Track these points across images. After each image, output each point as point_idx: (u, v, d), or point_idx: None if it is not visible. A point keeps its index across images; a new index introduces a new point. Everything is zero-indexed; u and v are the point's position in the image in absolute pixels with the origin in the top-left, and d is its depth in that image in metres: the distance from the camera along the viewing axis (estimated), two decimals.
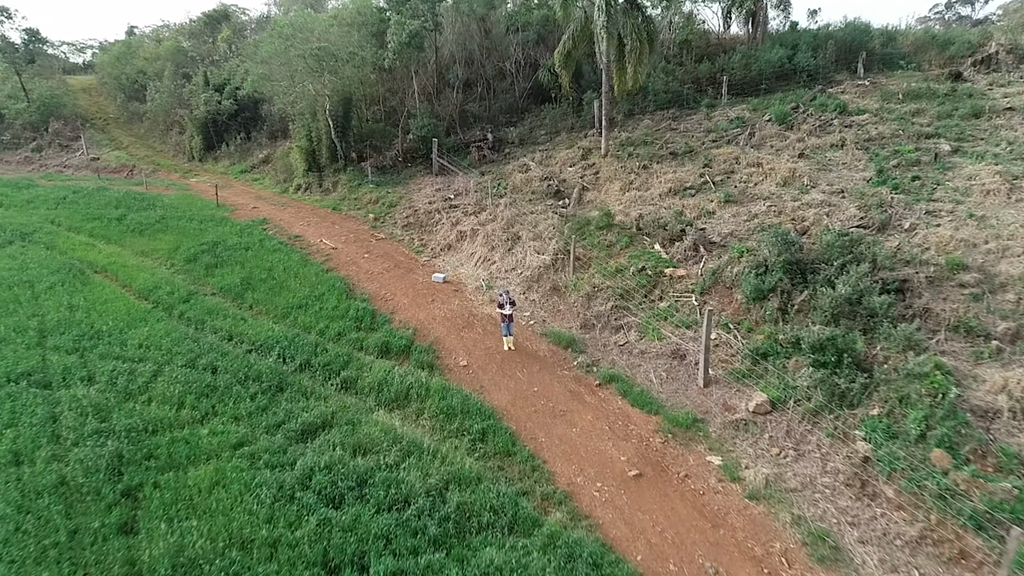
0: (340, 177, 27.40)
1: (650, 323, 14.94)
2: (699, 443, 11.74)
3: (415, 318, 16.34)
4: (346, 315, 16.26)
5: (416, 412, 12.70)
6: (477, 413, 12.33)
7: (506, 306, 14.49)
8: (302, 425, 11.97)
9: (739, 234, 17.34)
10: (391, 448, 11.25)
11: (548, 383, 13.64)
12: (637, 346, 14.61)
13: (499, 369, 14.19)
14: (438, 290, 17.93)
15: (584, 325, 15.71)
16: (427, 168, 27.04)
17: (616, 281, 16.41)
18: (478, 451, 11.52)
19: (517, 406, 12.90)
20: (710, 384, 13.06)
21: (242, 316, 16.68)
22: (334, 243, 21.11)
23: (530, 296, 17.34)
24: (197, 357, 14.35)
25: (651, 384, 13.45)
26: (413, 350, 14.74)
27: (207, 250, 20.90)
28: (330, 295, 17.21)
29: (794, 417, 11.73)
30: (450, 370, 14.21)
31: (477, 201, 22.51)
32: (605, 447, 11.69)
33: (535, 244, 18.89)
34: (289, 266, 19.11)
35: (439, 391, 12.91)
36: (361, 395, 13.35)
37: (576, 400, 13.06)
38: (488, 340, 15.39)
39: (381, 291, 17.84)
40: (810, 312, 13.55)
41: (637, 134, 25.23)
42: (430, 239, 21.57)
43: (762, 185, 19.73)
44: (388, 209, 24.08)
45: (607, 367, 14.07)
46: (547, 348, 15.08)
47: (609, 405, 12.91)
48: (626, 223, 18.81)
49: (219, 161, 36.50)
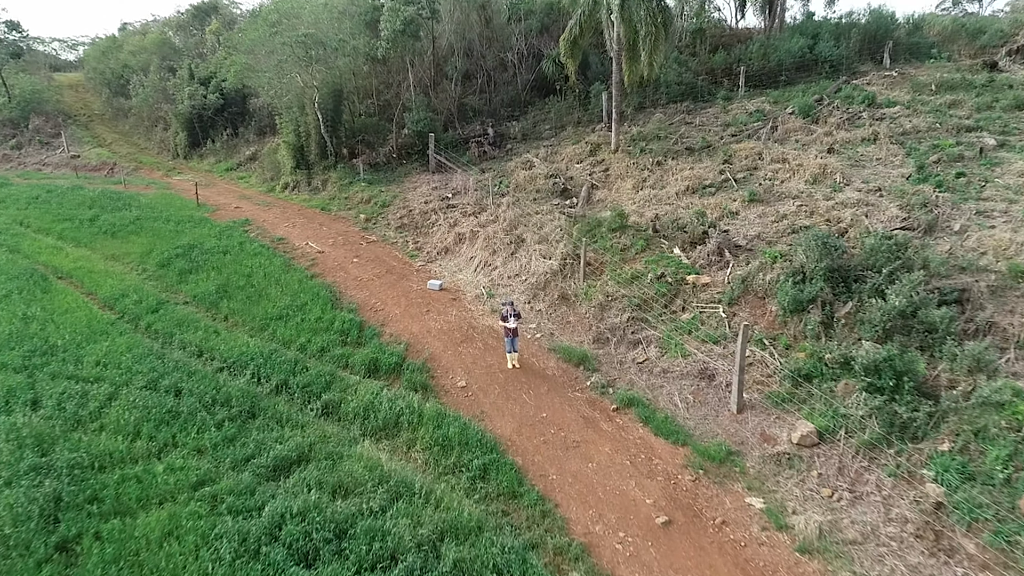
0: (330, 175, 25.81)
1: (672, 337, 13.37)
2: (736, 481, 10.17)
3: (408, 331, 14.77)
4: (331, 327, 14.69)
5: (407, 443, 11.13)
6: (477, 445, 10.77)
7: (510, 319, 12.93)
8: (274, 460, 10.41)
9: (767, 237, 15.81)
10: (376, 489, 9.69)
11: (558, 408, 12.08)
12: (658, 364, 13.04)
13: (502, 391, 12.63)
14: (434, 299, 16.36)
15: (597, 339, 14.14)
16: (423, 165, 25.47)
17: (632, 289, 14.85)
18: (479, 491, 9.96)
19: (523, 436, 11.34)
20: (744, 409, 11.49)
21: (215, 329, 15.10)
22: (321, 246, 19.55)
23: (536, 306, 15.77)
24: (160, 377, 12.78)
25: (676, 409, 11.88)
26: (405, 368, 13.17)
27: (182, 254, 19.32)
28: (314, 305, 15.63)
29: (847, 451, 10.17)
30: (447, 392, 12.64)
31: (477, 200, 20.94)
32: (627, 486, 10.12)
33: (541, 248, 17.32)
34: (270, 272, 17.54)
35: (434, 418, 11.34)
36: (344, 422, 11.78)
37: (591, 428, 11.50)
38: (489, 356, 13.83)
39: (371, 300, 16.26)
40: (856, 327, 12.00)
41: (649, 128, 23.67)
42: (426, 242, 20.00)
43: (789, 183, 18.18)
44: (381, 209, 22.50)
45: (625, 388, 12.51)
46: (556, 366, 13.51)
47: (629, 434, 11.34)
48: (641, 224, 17.25)
49: (204, 159, 34.88)
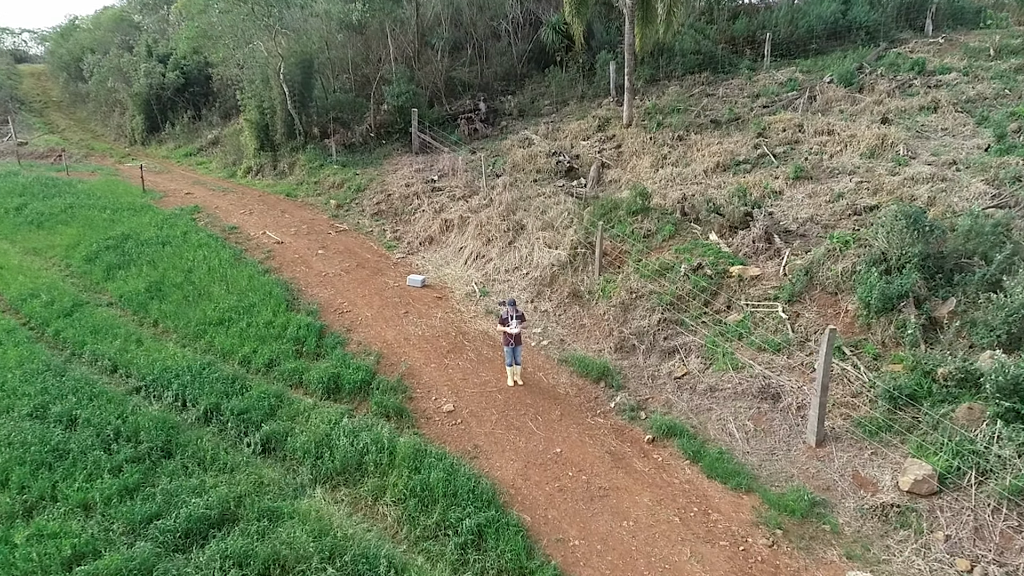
0: (298, 157, 22.99)
1: (718, 344, 10.66)
2: (828, 545, 7.46)
3: (380, 338, 11.97)
4: (283, 334, 11.88)
5: (373, 493, 8.33)
6: (470, 496, 8.00)
7: (511, 322, 10.18)
8: (187, 521, 7.62)
9: (822, 219, 13.16)
10: (325, 567, 6.90)
11: (576, 440, 9.32)
12: (702, 379, 10.32)
13: (502, 417, 9.86)
14: (415, 298, 13.57)
15: (620, 347, 11.41)
16: (405, 146, 22.69)
17: (662, 284, 12.13)
18: (471, 566, 7.20)
19: (532, 481, 8.57)
20: (826, 442, 8.79)
21: (138, 337, 12.26)
22: (280, 236, 16.73)
23: (541, 306, 13.02)
24: (50, 402, 9.93)
25: (732, 440, 9.16)
26: (375, 388, 10.37)
27: (114, 246, 16.44)
28: (264, 306, 12.81)
29: (984, 503, 7.47)
30: (428, 420, 9.86)
31: (467, 183, 18.18)
32: (680, 557, 7.37)
33: (545, 235, 14.57)
34: (215, 266, 14.70)
35: (410, 458, 8.55)
36: (290, 463, 8.98)
37: (621, 468, 8.75)
38: (484, 370, 11.06)
39: (336, 299, 13.44)
40: (968, 330, 9.33)
41: (665, 100, 21.01)
42: (406, 231, 17.22)
43: (841, 156, 15.54)
44: (355, 194, 19.70)
45: (661, 412, 9.79)
46: (569, 381, 10.77)
47: (673, 476, 8.60)
48: (666, 207, 14.54)
49: (164, 144, 31.93)
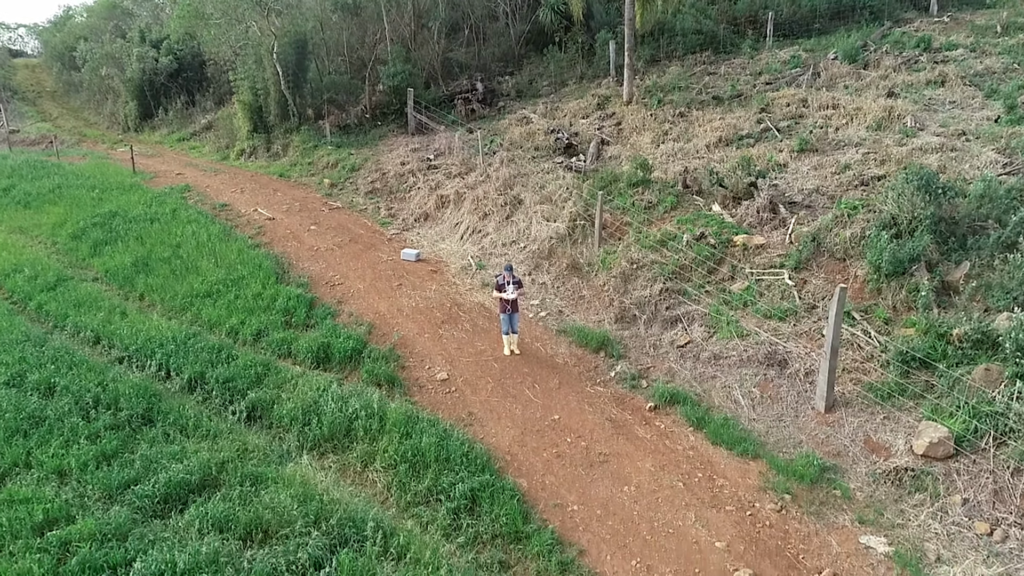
0: (292, 138, 22.61)
1: (722, 313, 10.31)
2: (839, 510, 7.13)
3: (372, 310, 11.62)
4: (271, 306, 11.53)
5: (362, 459, 7.99)
6: (463, 461, 7.66)
7: (508, 288, 9.83)
8: (166, 486, 7.28)
9: (828, 190, 12.84)
10: (310, 530, 6.56)
11: (575, 407, 8.98)
12: (706, 347, 9.97)
13: (497, 386, 9.51)
14: (408, 271, 13.23)
15: (621, 317, 11.06)
16: (401, 126, 22.33)
17: (664, 254, 11.79)
18: (464, 531, 6.87)
19: (528, 448, 8.23)
20: (836, 407, 8.45)
21: (122, 309, 11.91)
22: (271, 213, 16.37)
23: (539, 278, 12.68)
24: (27, 371, 9.58)
25: (738, 407, 8.82)
26: (366, 356, 10.03)
27: (101, 223, 16.08)
28: (252, 279, 12.46)
29: (1004, 465, 7.14)
30: (421, 388, 9.51)
31: (464, 160, 17.82)
32: (684, 522, 7.04)
33: (543, 208, 14.22)
34: (204, 242, 14.35)
35: (401, 424, 8.21)
36: (276, 430, 8.64)
37: (622, 435, 8.41)
38: (479, 340, 10.71)
39: (327, 273, 13.09)
40: (983, 293, 9.00)
41: (666, 79, 20.66)
42: (401, 208, 16.86)
43: (847, 129, 15.20)
44: (349, 174, 19.34)
45: (663, 380, 9.44)
46: (568, 352, 10.43)
47: (676, 443, 8.26)
48: (667, 180, 14.19)
49: (157, 130, 31.52)
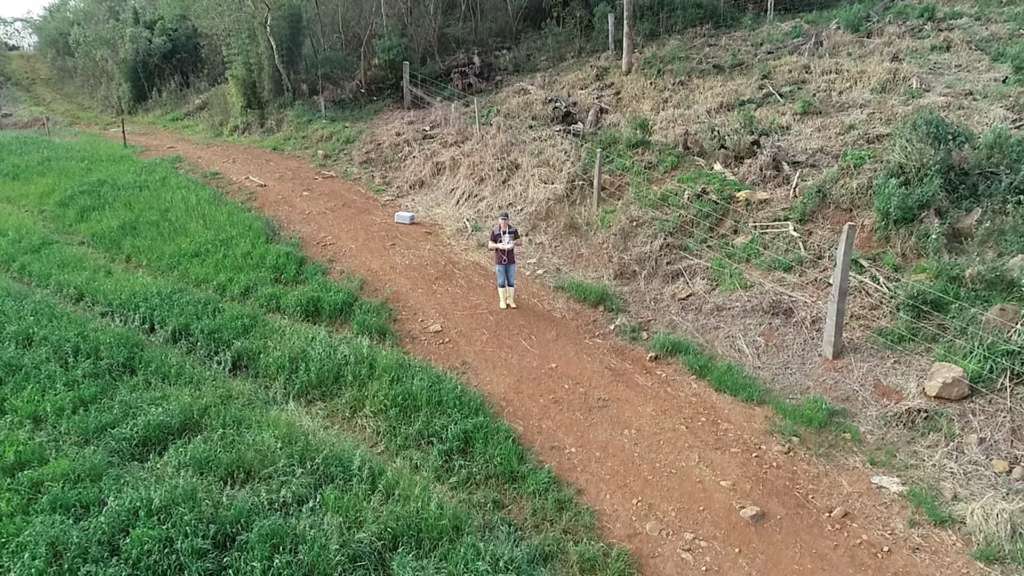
0: (286, 114, 22.24)
1: (725, 266, 10.00)
2: (849, 452, 6.83)
3: (365, 267, 11.30)
4: (261, 264, 11.21)
5: (351, 405, 7.68)
6: (456, 404, 7.35)
7: (504, 237, 9.50)
8: (145, 430, 6.96)
9: (832, 150, 12.51)
10: (294, 469, 6.25)
11: (573, 357, 8.67)
12: (709, 299, 9.66)
13: (493, 337, 9.20)
14: (403, 233, 12.90)
15: (621, 273, 10.75)
16: (396, 101, 21.97)
17: (664, 212, 11.47)
18: (456, 473, 6.56)
19: (524, 394, 7.92)
20: (844, 353, 8.14)
21: (107, 269, 11.58)
22: (263, 180, 16.03)
23: (537, 238, 12.36)
24: (6, 322, 9.24)
25: (742, 356, 8.51)
26: (356, 310, 9.70)
27: (89, 191, 15.74)
28: (242, 239, 12.13)
29: (1021, 402, 6.83)
30: (415, 339, 9.20)
31: (460, 130, 17.48)
32: (687, 462, 6.73)
33: (541, 171, 13.89)
34: (193, 206, 14.00)
35: (391, 369, 7.90)
36: (263, 379, 8.33)
37: (622, 383, 8.10)
38: (475, 295, 10.39)
39: (319, 234, 12.77)
40: (994, 239, 8.69)
41: (666, 51, 20.32)
42: (395, 176, 16.52)
43: (851, 92, 14.86)
44: (343, 145, 18.99)
45: (664, 332, 9.13)
46: (566, 307, 10.11)
47: (679, 390, 7.96)
48: (667, 143, 13.86)
49: (150, 112, 31.12)
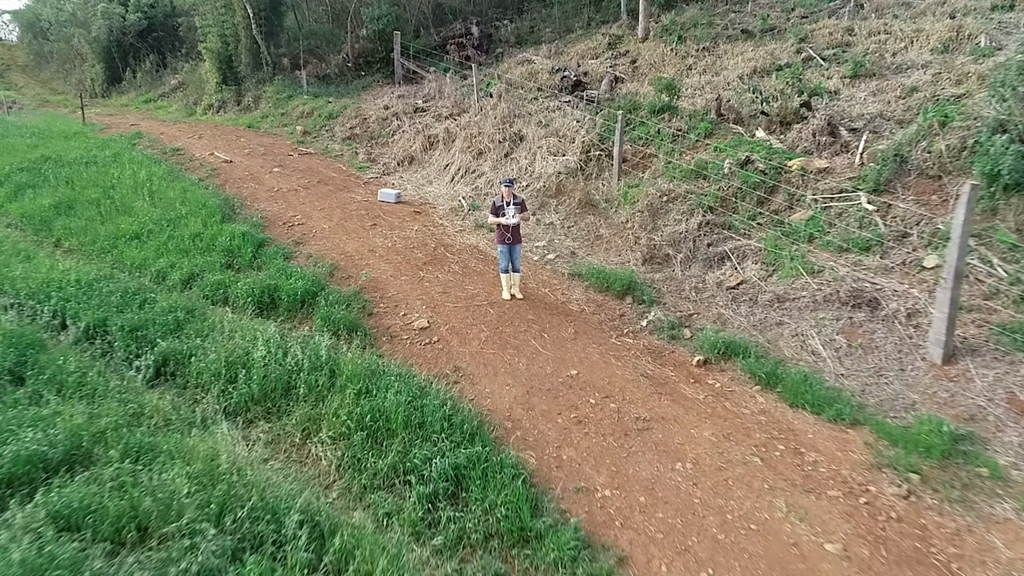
0: (265, 90, 20.34)
1: (783, 247, 8.08)
2: (992, 496, 4.94)
3: (337, 250, 9.38)
4: (212, 246, 9.29)
5: (303, 427, 5.74)
6: (444, 427, 5.42)
7: (508, 210, 7.59)
8: (13, 464, 5.02)
9: (895, 115, 10.61)
10: (205, 527, 4.31)
11: (598, 361, 6.75)
12: (765, 288, 7.74)
13: (494, 335, 7.27)
14: (387, 212, 10.98)
15: (650, 257, 8.83)
16: (387, 76, 20.07)
17: (701, 185, 9.55)
18: (444, 530, 4.64)
19: (536, 411, 5.99)
20: (956, 357, 6.22)
21: (27, 253, 9.65)
22: (229, 156, 14.12)
23: (546, 218, 10.44)
24: None
25: (817, 360, 6.59)
26: (322, 301, 7.77)
27: (29, 168, 13.82)
28: (193, 218, 10.22)
29: None
30: (393, 338, 7.27)
31: (456, 102, 15.57)
32: (771, 513, 4.81)
33: (549, 143, 11.98)
34: (142, 182, 12.09)
35: (359, 378, 5.95)
36: (192, 390, 6.39)
37: (666, 395, 6.18)
38: (470, 283, 8.47)
39: (286, 213, 10.84)
40: None
41: (686, 17, 18.41)
42: (382, 152, 14.61)
43: (907, 53, 12.95)
44: (326, 121, 17.09)
45: (712, 328, 7.21)
46: (584, 297, 8.20)
47: (740, 405, 6.04)
48: (696, 110, 11.94)
49: (125, 94, 29.20)
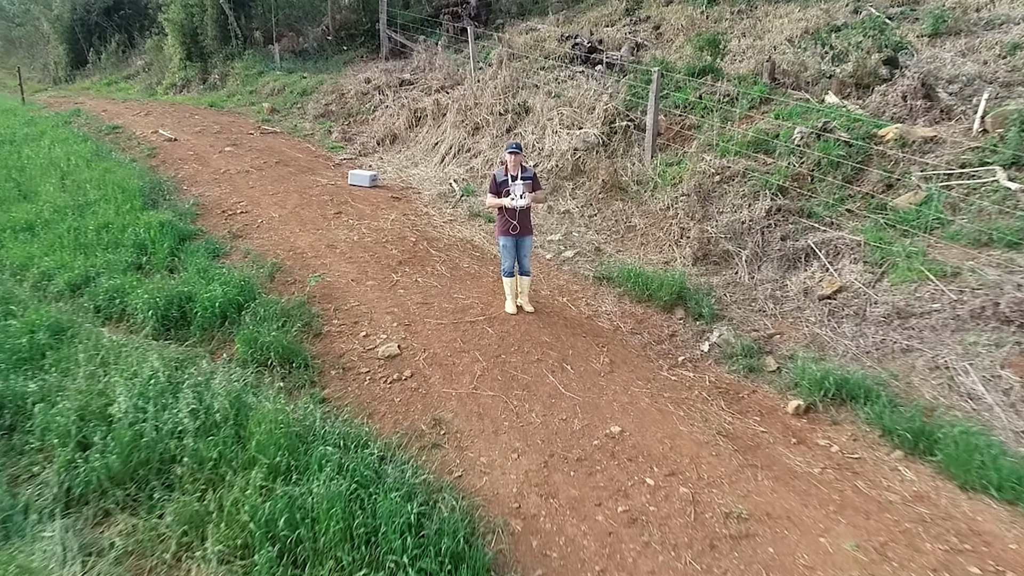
0: (233, 66, 18.10)
1: (891, 241, 5.89)
2: None
3: (286, 245, 7.16)
4: (120, 241, 7.08)
5: (182, 530, 3.49)
6: (411, 538, 3.18)
7: (515, 188, 5.40)
8: None
9: (997, 77, 8.53)
10: None
11: (649, 408, 4.55)
12: (876, 297, 5.56)
13: (494, 366, 5.06)
14: (357, 198, 8.75)
15: (704, 255, 6.64)
16: (372, 51, 17.86)
17: (762, 161, 7.36)
18: None
19: (561, 497, 3.78)
20: None
21: None
22: (176, 135, 11.88)
23: (560, 204, 8.24)
24: None
25: (980, 406, 4.38)
26: (248, 318, 5.53)
27: None
28: (107, 204, 8.00)
29: None
30: (348, 371, 5.06)
31: (449, 74, 13.38)
32: None
33: (563, 114, 9.76)
34: (55, 161, 9.85)
35: (275, 447, 3.72)
36: (33, 457, 4.14)
37: (761, 466, 3.98)
38: (461, 290, 6.25)
39: (229, 199, 8.61)
40: None
41: None
42: (360, 131, 12.40)
43: (995, 7, 10.80)
44: (298, 98, 14.87)
45: (806, 356, 5.02)
46: (618, 310, 6.01)
47: (880, 484, 3.84)
48: (744, 74, 9.75)
49: (89, 77, 26.92)
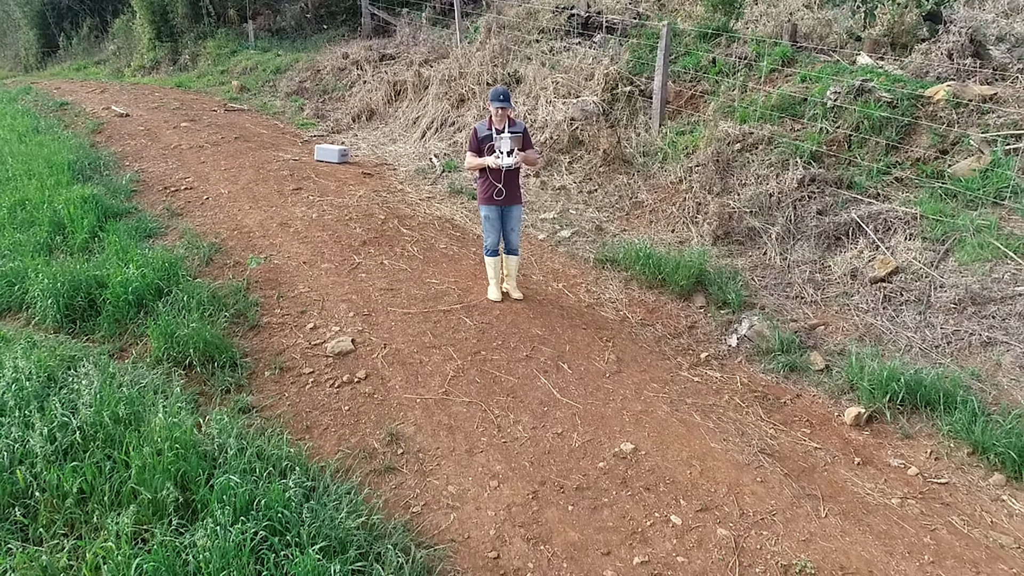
0: (205, 45, 17.11)
1: (954, 214, 4.93)
2: None
3: (232, 224, 6.17)
4: (35, 219, 6.07)
5: None
6: None
7: (501, 141, 4.43)
8: None
9: None
10: None
11: (668, 419, 3.57)
12: (943, 280, 4.59)
13: (470, 365, 4.08)
14: (323, 174, 7.75)
15: (726, 232, 5.68)
16: (353, 29, 16.86)
17: (788, 127, 6.40)
18: None
19: (556, 541, 2.80)
20: None
21: None
22: (128, 110, 10.88)
23: (555, 179, 7.27)
24: None
25: None
26: (170, 306, 4.54)
27: None
28: (30, 180, 7.00)
29: None
30: (286, 372, 4.08)
31: (434, 48, 12.42)
32: None
33: (559, 82, 8.80)
34: None
35: (164, 471, 2.73)
36: None
37: (820, 496, 3.02)
38: (435, 273, 5.27)
39: (175, 175, 7.61)
40: None
41: None
42: (334, 108, 11.42)
43: None
44: (271, 76, 13.89)
45: (861, 351, 4.04)
46: (625, 297, 5.04)
47: (981, 521, 2.88)
48: (759, 35, 8.80)
49: (60, 63, 25.85)
